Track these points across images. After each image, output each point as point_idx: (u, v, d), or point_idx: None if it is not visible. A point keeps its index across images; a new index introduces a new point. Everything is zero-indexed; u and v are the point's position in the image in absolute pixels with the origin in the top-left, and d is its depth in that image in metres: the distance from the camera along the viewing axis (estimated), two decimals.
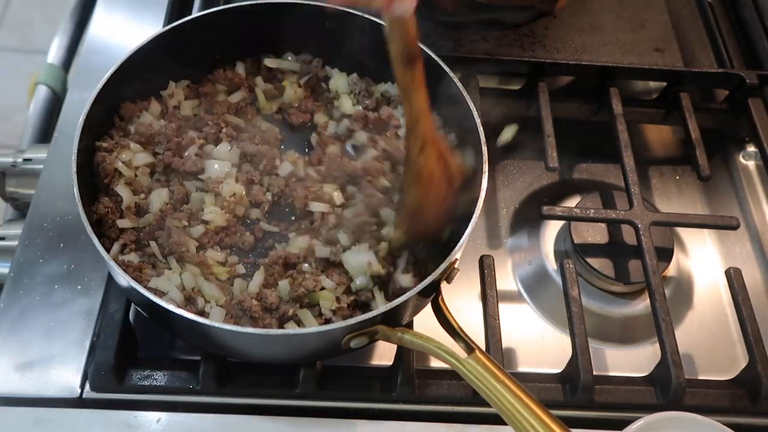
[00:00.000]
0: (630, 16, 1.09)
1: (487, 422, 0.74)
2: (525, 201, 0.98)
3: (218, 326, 0.62)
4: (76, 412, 0.72)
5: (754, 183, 1.03)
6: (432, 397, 0.76)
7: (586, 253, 0.87)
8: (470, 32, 1.02)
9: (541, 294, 0.89)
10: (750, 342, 0.78)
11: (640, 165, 0.94)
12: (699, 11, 1.14)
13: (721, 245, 0.96)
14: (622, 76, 1.01)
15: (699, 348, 0.86)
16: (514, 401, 0.61)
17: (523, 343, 0.85)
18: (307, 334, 0.65)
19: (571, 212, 0.87)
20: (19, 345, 0.75)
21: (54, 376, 0.74)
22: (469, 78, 0.96)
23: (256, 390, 0.76)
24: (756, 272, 0.94)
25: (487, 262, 0.82)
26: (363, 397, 0.77)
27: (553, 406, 0.65)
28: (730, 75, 1.01)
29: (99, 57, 0.98)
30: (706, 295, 0.91)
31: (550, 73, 0.99)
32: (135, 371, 0.74)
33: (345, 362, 0.78)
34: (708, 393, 0.78)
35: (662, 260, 0.85)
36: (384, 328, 0.68)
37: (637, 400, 0.77)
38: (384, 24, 0.64)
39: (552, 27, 1.06)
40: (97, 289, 0.80)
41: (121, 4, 1.05)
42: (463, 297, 0.86)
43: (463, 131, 0.80)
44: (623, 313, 0.87)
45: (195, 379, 0.74)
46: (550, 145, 0.91)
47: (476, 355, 0.65)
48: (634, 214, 0.86)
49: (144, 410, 0.73)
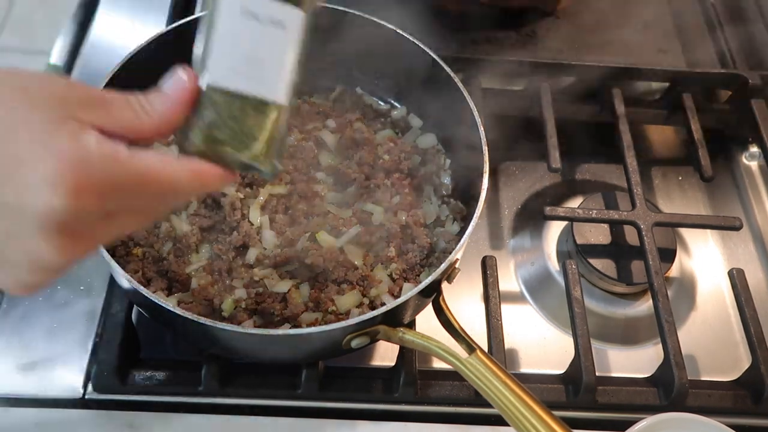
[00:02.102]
0: (633, 16, 1.08)
1: (490, 423, 0.74)
2: (527, 202, 0.98)
3: (219, 326, 0.62)
4: (79, 412, 0.72)
5: (757, 183, 1.02)
6: (434, 398, 0.76)
7: (588, 253, 0.87)
8: (472, 33, 1.02)
9: (544, 295, 0.89)
10: (753, 343, 0.78)
11: (643, 165, 0.93)
12: (702, 12, 1.13)
13: (724, 246, 0.96)
14: (625, 77, 1.01)
15: (702, 349, 0.86)
16: (516, 401, 0.61)
17: (525, 344, 0.85)
18: (307, 334, 0.64)
19: (574, 213, 0.87)
20: (21, 346, 0.76)
21: (56, 376, 0.74)
22: (471, 78, 0.96)
23: (258, 391, 0.76)
24: (759, 273, 0.94)
25: (489, 262, 0.81)
26: (365, 397, 0.77)
27: (555, 407, 0.65)
28: (733, 75, 1.01)
29: (101, 58, 0.98)
30: (709, 296, 0.91)
31: (552, 73, 0.99)
32: (137, 372, 0.74)
33: (347, 363, 0.78)
34: (711, 394, 0.78)
35: (665, 261, 0.85)
36: (385, 328, 0.68)
37: (639, 401, 0.77)
38: None
39: (554, 28, 1.06)
40: (100, 290, 0.80)
41: (124, 5, 1.06)
42: (465, 298, 0.86)
43: (465, 132, 0.80)
44: (626, 314, 0.87)
45: (197, 380, 0.74)
46: (552, 145, 0.91)
47: (477, 355, 0.65)
48: (637, 215, 0.86)
49: (146, 411, 0.73)
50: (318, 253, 0.75)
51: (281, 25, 0.47)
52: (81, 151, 0.42)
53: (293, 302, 0.73)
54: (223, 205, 0.79)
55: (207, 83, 0.47)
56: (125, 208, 0.47)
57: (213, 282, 0.75)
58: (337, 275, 0.76)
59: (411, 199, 0.82)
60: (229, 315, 0.72)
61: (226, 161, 0.48)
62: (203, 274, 0.75)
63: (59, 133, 0.42)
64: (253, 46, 0.47)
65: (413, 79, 0.87)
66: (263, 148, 0.48)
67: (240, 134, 0.47)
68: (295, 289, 0.75)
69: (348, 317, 0.73)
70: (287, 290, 0.75)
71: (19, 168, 0.41)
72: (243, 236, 0.77)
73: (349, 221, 0.79)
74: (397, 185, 0.83)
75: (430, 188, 0.85)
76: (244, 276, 0.75)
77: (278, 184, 0.82)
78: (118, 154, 0.44)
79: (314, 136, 0.86)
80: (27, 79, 0.44)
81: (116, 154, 0.44)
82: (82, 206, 0.42)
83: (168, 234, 0.77)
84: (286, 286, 0.75)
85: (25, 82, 0.44)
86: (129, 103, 0.47)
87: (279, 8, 0.47)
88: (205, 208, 0.79)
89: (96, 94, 0.45)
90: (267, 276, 0.75)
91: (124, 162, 0.44)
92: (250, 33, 0.47)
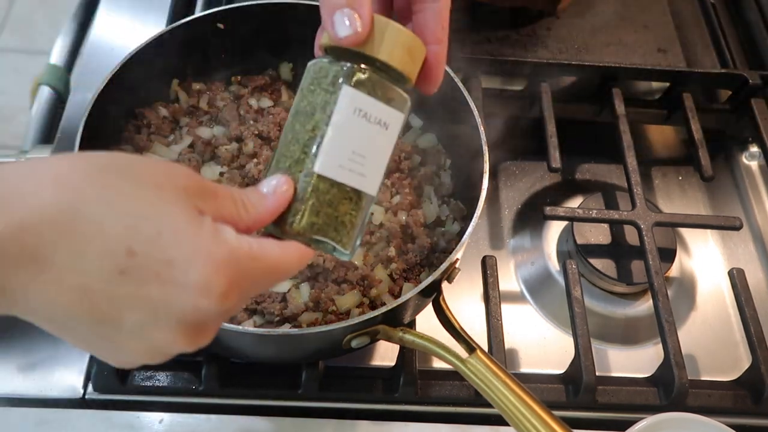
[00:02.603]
0: (633, 16, 1.09)
1: (490, 423, 0.74)
2: (527, 202, 0.98)
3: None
4: (79, 412, 0.72)
5: (757, 183, 1.02)
6: (435, 398, 0.76)
7: (588, 253, 0.87)
8: (472, 33, 1.03)
9: (544, 295, 0.89)
10: (753, 343, 0.78)
11: (643, 165, 0.93)
12: (702, 12, 1.13)
13: (724, 246, 0.96)
14: (625, 77, 1.01)
15: (702, 349, 0.86)
16: (516, 401, 0.61)
17: (525, 344, 0.85)
18: (307, 334, 0.64)
19: (574, 213, 0.87)
20: (21, 345, 0.76)
21: (57, 376, 0.75)
22: (471, 79, 0.96)
23: (258, 391, 0.76)
24: (759, 273, 0.94)
25: (489, 262, 0.81)
26: (365, 398, 0.77)
27: (555, 406, 0.65)
28: (732, 75, 1.01)
29: (101, 58, 0.98)
30: (709, 296, 0.91)
31: (552, 73, 0.99)
32: (137, 372, 0.74)
33: (347, 363, 0.78)
34: (711, 394, 0.78)
35: (665, 261, 0.85)
36: (385, 328, 0.68)
37: (639, 401, 0.77)
38: None
39: (554, 27, 1.06)
40: None
41: (124, 5, 1.06)
42: (465, 298, 0.86)
43: (465, 132, 0.80)
44: (626, 314, 0.87)
45: (197, 380, 0.74)
46: (552, 145, 0.91)
47: (477, 355, 0.65)
48: (637, 215, 0.86)
49: (146, 411, 0.73)
50: (318, 253, 0.75)
51: (385, 126, 0.51)
52: (225, 252, 0.43)
53: (293, 302, 0.73)
54: None
55: (317, 171, 0.49)
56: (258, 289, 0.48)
57: None
58: (337, 275, 0.75)
59: (411, 199, 0.82)
60: None
61: (316, 243, 0.51)
62: None
63: (202, 231, 0.42)
64: (360, 143, 0.50)
65: None
66: (351, 234, 0.52)
67: (334, 221, 0.50)
68: (295, 288, 0.75)
69: (348, 317, 0.73)
70: (287, 290, 0.75)
71: (168, 267, 0.41)
72: None
73: None
74: (397, 185, 0.83)
75: (430, 188, 0.85)
76: None
77: None
78: (253, 251, 0.45)
79: None
80: (154, 168, 0.44)
81: (252, 251, 0.45)
82: (227, 307, 0.43)
83: None
84: (286, 285, 0.75)
85: (151, 170, 0.43)
86: (232, 197, 0.47)
87: (385, 110, 0.50)
88: None
89: (208, 185, 0.46)
90: None
91: (259, 258, 0.45)
92: (359, 131, 0.50)
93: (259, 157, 0.83)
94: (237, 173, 0.82)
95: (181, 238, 0.41)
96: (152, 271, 0.41)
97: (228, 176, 0.81)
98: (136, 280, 0.40)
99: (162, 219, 0.41)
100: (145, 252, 0.40)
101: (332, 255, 0.53)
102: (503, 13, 1.04)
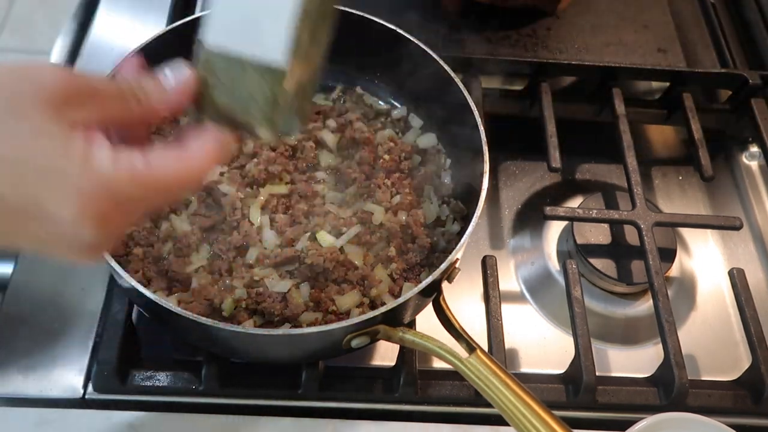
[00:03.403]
0: (633, 16, 1.09)
1: (490, 423, 0.74)
2: (527, 201, 0.98)
3: (219, 326, 0.62)
4: (79, 412, 0.72)
5: (757, 183, 1.02)
6: (435, 397, 0.76)
7: (588, 253, 0.87)
8: (472, 33, 1.03)
9: (544, 294, 0.89)
10: (753, 343, 0.78)
11: (643, 165, 0.93)
12: (702, 12, 1.14)
13: (724, 246, 0.96)
14: (625, 77, 1.01)
15: (702, 349, 0.86)
16: (516, 401, 0.61)
17: (525, 344, 0.85)
18: (307, 334, 0.64)
19: (574, 213, 0.87)
20: (22, 346, 0.76)
21: (56, 376, 0.75)
22: (471, 79, 0.96)
23: (258, 391, 0.76)
24: (759, 273, 0.94)
25: (489, 262, 0.81)
26: (365, 397, 0.77)
27: (555, 406, 0.65)
28: (732, 75, 1.01)
29: (101, 58, 0.98)
30: (709, 296, 0.91)
31: (552, 73, 0.99)
32: (137, 372, 0.74)
33: (347, 363, 0.78)
34: (711, 394, 0.78)
35: (665, 261, 0.85)
36: (385, 328, 0.68)
37: (639, 401, 0.77)
38: None
39: (554, 27, 1.06)
40: (100, 290, 0.80)
41: (124, 5, 1.06)
42: (465, 298, 0.86)
43: (465, 132, 0.80)
44: (626, 314, 0.87)
45: (197, 380, 0.74)
46: (552, 145, 0.91)
47: (477, 355, 0.65)
48: (637, 215, 0.86)
49: (146, 411, 0.73)
50: (318, 253, 0.75)
51: None
52: (95, 183, 0.42)
53: (293, 302, 0.73)
54: (224, 204, 0.79)
55: (205, 48, 0.47)
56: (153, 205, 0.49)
57: (213, 282, 0.75)
58: (337, 275, 0.75)
59: (411, 199, 0.82)
60: (229, 315, 0.72)
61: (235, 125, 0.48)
62: (203, 274, 0.75)
63: (70, 161, 0.41)
64: (249, 9, 0.46)
65: (414, 79, 0.87)
66: (266, 111, 0.48)
67: (242, 98, 0.47)
68: (295, 288, 0.75)
69: (348, 317, 0.73)
70: (287, 290, 0.74)
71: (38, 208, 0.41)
72: (243, 236, 0.77)
73: (350, 221, 0.79)
74: (398, 185, 0.83)
75: (430, 188, 0.85)
76: (245, 276, 0.75)
77: (278, 183, 0.82)
78: (135, 171, 0.43)
79: (314, 136, 0.86)
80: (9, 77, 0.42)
81: (133, 172, 0.43)
82: (111, 230, 0.43)
83: (168, 234, 0.77)
84: (286, 285, 0.75)
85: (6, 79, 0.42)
86: (119, 90, 0.46)
87: None
88: (206, 207, 0.79)
89: (85, 85, 0.44)
90: (267, 276, 0.75)
91: (142, 179, 0.44)
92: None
93: (259, 157, 0.83)
94: (237, 173, 0.82)
95: (47, 175, 0.41)
96: (27, 213, 0.41)
97: (228, 176, 0.81)
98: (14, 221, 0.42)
99: (23, 152, 0.41)
100: (11, 194, 0.41)
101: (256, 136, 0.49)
102: (503, 13, 1.05)
